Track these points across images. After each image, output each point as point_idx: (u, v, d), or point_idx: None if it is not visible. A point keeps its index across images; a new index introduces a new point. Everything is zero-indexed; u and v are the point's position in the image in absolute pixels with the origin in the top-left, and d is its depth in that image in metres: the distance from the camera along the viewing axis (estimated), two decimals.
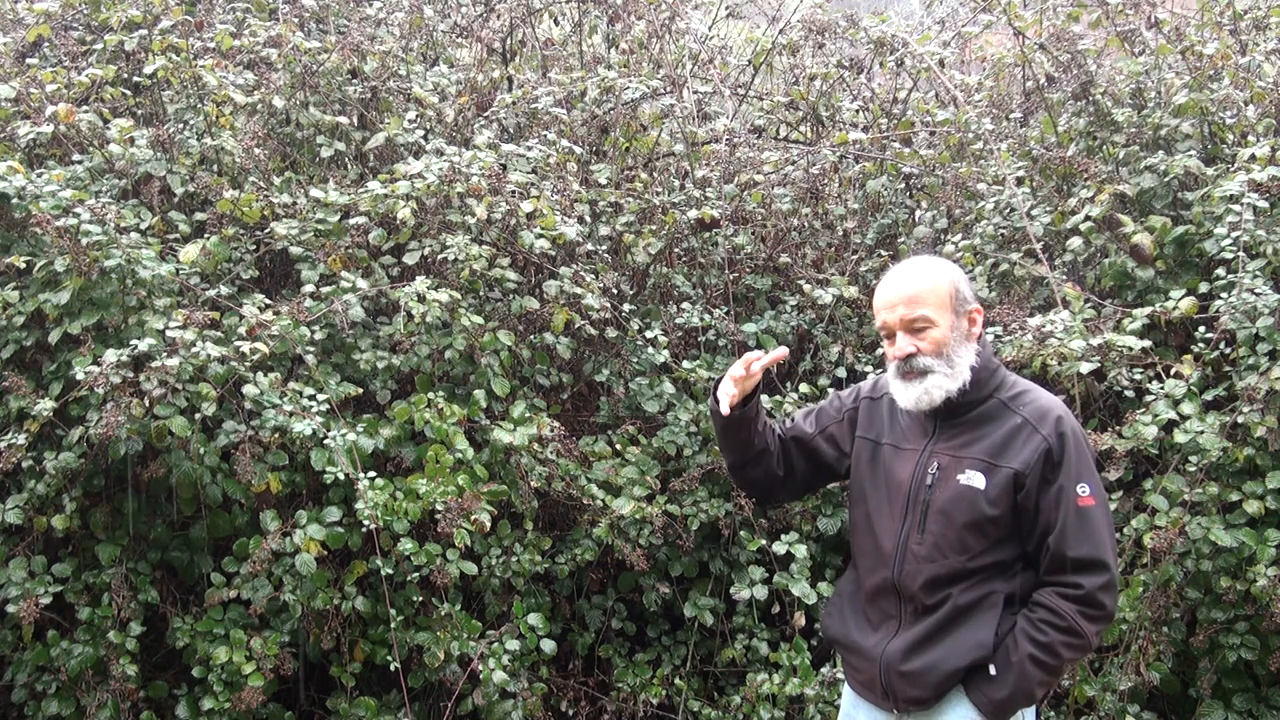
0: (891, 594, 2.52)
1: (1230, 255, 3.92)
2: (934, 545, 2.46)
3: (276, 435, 3.78)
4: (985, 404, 2.50)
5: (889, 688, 2.50)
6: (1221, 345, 3.89)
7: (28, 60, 4.83)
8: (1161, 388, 3.88)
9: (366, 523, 3.67)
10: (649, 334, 4.34)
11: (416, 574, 3.83)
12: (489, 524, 3.85)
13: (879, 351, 4.42)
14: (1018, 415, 2.46)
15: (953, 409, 2.50)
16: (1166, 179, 4.32)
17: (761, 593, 4.16)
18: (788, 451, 2.74)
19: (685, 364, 4.39)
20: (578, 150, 4.66)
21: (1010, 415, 2.47)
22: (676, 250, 4.84)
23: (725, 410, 2.57)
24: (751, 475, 2.75)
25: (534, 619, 4.03)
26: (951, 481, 2.46)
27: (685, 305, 4.58)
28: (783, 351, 2.61)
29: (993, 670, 2.41)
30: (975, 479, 2.44)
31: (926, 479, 2.49)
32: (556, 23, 5.94)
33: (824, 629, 2.74)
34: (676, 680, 4.28)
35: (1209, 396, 3.88)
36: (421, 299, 3.95)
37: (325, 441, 3.73)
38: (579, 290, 4.24)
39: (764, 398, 4.36)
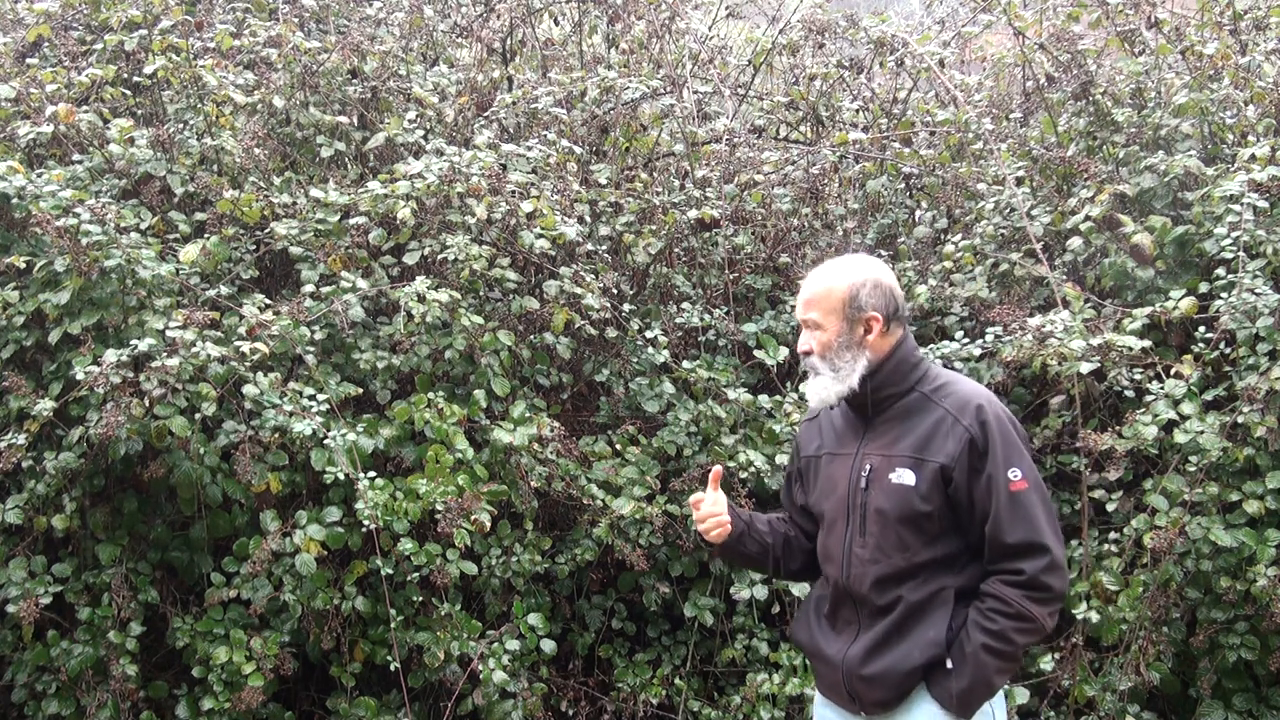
0: (846, 599, 2.57)
1: (1230, 255, 3.92)
2: (875, 546, 2.49)
3: (276, 435, 3.78)
4: (907, 397, 2.53)
5: (853, 692, 2.54)
6: (1221, 345, 3.88)
7: (28, 60, 4.83)
8: (1161, 388, 3.88)
9: (366, 523, 3.67)
10: (649, 334, 4.33)
11: (416, 574, 3.83)
12: (489, 524, 3.86)
13: None
14: (940, 408, 2.49)
15: (877, 406, 2.54)
16: (1166, 179, 4.32)
17: (761, 593, 4.16)
18: (799, 524, 2.79)
19: (685, 364, 4.39)
20: (578, 150, 4.65)
21: (933, 408, 2.49)
22: (676, 250, 4.84)
23: (720, 541, 2.65)
24: (794, 567, 2.78)
25: (534, 619, 4.03)
26: (884, 481, 2.49)
27: (685, 305, 4.58)
28: (718, 470, 2.68)
29: (949, 664, 2.44)
30: (906, 476, 2.46)
31: (861, 481, 2.52)
32: (556, 23, 5.94)
33: (793, 636, 2.79)
34: (676, 680, 4.28)
35: (1209, 396, 3.88)
36: (421, 299, 3.95)
37: (325, 441, 3.73)
38: (579, 290, 4.24)
39: (764, 398, 4.40)
